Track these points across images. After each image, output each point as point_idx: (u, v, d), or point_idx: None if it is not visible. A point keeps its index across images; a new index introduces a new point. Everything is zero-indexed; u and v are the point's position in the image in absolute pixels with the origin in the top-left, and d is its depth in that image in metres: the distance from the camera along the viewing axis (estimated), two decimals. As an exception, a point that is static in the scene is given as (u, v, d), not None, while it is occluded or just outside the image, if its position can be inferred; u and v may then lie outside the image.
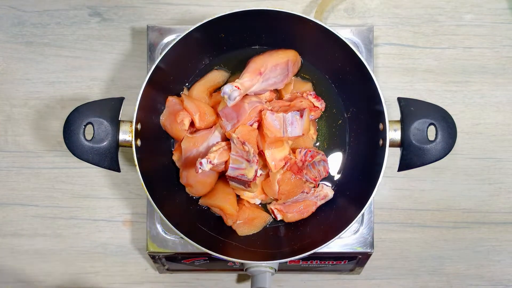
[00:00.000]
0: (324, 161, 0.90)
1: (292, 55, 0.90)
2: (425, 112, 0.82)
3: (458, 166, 1.08)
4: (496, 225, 1.08)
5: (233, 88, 0.81)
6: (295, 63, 0.91)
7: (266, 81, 0.87)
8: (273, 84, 0.88)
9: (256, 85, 0.86)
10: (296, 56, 0.91)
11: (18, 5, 1.09)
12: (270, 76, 0.87)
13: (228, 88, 0.81)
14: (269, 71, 0.87)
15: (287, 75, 0.90)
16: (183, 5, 1.09)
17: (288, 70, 0.89)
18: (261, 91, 0.88)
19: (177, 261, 0.99)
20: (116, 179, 1.07)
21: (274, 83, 0.88)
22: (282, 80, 0.89)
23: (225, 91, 0.81)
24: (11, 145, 1.07)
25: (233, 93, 0.81)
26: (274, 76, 0.88)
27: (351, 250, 0.93)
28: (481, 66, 1.09)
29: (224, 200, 0.89)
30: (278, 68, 0.88)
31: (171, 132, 0.90)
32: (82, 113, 0.81)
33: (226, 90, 0.81)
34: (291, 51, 0.90)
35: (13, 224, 1.06)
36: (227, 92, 0.81)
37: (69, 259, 1.06)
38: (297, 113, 0.85)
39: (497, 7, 1.10)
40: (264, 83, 0.87)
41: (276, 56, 0.89)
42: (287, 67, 0.89)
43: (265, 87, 0.87)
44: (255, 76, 0.86)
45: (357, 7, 1.09)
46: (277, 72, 0.88)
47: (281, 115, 0.84)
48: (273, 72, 0.88)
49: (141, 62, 1.07)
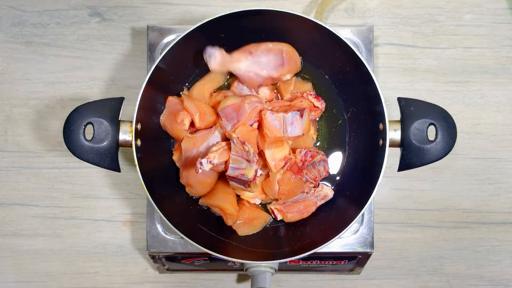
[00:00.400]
0: (324, 161, 0.90)
1: (287, 46, 0.90)
2: (425, 112, 0.82)
3: (458, 166, 1.08)
4: (496, 225, 1.08)
5: None
6: (291, 57, 0.91)
7: (257, 62, 0.87)
8: (264, 66, 0.88)
9: (245, 62, 0.86)
10: (292, 50, 0.91)
11: (18, 5, 1.09)
12: (262, 59, 0.88)
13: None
14: (260, 53, 0.88)
15: (282, 65, 0.89)
16: (183, 5, 1.09)
17: (283, 60, 0.89)
18: (252, 73, 0.87)
19: (177, 261, 0.99)
20: (116, 179, 1.07)
21: (266, 66, 0.88)
22: (276, 67, 0.89)
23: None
24: (11, 145, 1.07)
25: None
26: (266, 60, 0.88)
27: (351, 250, 0.93)
28: (481, 66, 1.09)
29: (224, 200, 0.89)
30: (271, 54, 0.88)
31: (171, 132, 0.90)
32: (82, 113, 0.81)
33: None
34: (286, 44, 0.90)
35: (13, 224, 1.06)
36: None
37: (69, 259, 1.06)
38: (297, 113, 0.85)
39: (497, 7, 1.10)
40: (255, 64, 0.87)
41: (270, 43, 0.89)
42: (281, 56, 0.89)
43: (256, 69, 0.87)
44: (245, 55, 0.87)
45: (357, 7, 1.09)
46: (269, 57, 0.88)
47: (281, 115, 0.84)
48: (264, 56, 0.88)
49: (141, 62, 1.07)
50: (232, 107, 0.86)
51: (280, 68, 0.89)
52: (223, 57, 0.86)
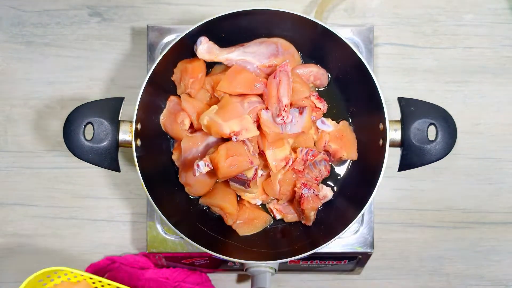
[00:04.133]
0: (326, 160, 0.90)
1: (283, 40, 0.91)
2: (425, 112, 0.82)
3: (458, 166, 1.08)
4: (496, 225, 1.08)
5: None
6: (287, 49, 0.91)
7: (248, 52, 0.88)
8: (255, 53, 0.88)
9: (236, 52, 0.88)
10: (287, 43, 0.91)
11: (18, 5, 1.09)
12: (253, 48, 0.88)
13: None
14: (253, 44, 0.89)
15: (276, 55, 0.90)
16: (183, 5, 1.09)
17: (277, 51, 0.90)
18: (242, 62, 0.88)
19: (177, 261, 0.99)
20: (116, 179, 1.07)
21: (257, 53, 0.88)
22: (268, 57, 0.89)
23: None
24: (11, 145, 1.07)
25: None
26: (258, 49, 0.89)
27: (351, 250, 0.93)
28: (481, 66, 1.09)
29: (224, 199, 0.89)
30: (264, 44, 0.89)
31: (171, 132, 0.90)
32: (82, 113, 0.81)
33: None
34: (283, 39, 0.91)
35: (13, 224, 1.06)
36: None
37: (69, 259, 1.06)
38: (296, 110, 0.85)
39: (497, 7, 1.10)
40: (247, 53, 0.88)
41: (264, 38, 0.90)
42: (276, 47, 0.90)
43: (248, 57, 0.88)
44: (237, 47, 0.88)
45: (357, 7, 1.09)
46: (261, 47, 0.89)
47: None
48: (257, 46, 0.89)
49: (141, 62, 1.07)
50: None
51: (272, 57, 0.89)
52: (211, 45, 0.87)
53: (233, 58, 0.88)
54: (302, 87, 0.87)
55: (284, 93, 0.84)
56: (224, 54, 0.88)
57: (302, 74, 0.90)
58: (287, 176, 0.88)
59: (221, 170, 0.80)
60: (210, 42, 0.87)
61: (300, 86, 0.87)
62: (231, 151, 0.80)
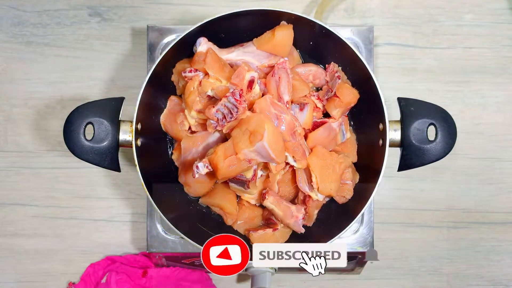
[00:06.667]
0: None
1: None
2: (425, 112, 0.82)
3: (458, 166, 1.08)
4: (496, 225, 1.08)
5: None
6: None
7: (248, 52, 0.89)
8: (255, 53, 0.89)
9: (236, 52, 0.88)
10: None
11: (18, 5, 1.09)
12: (253, 48, 0.89)
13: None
14: (252, 44, 0.89)
15: (276, 55, 0.90)
16: (183, 5, 1.09)
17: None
18: (241, 62, 0.88)
19: (177, 261, 0.99)
20: (116, 179, 1.07)
21: (257, 54, 0.89)
22: (268, 57, 0.89)
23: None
24: (11, 145, 1.07)
25: None
26: (257, 50, 0.89)
27: (351, 250, 0.93)
28: (481, 66, 1.09)
29: (224, 199, 0.89)
30: None
31: (171, 132, 0.90)
32: (82, 113, 0.81)
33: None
34: None
35: (13, 224, 1.06)
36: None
37: (69, 259, 1.06)
38: (297, 106, 0.85)
39: (497, 7, 1.10)
40: (247, 53, 0.88)
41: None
42: None
43: (248, 57, 0.88)
44: (236, 47, 0.89)
45: (357, 7, 1.09)
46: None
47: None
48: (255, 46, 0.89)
49: (141, 62, 1.07)
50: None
51: (272, 57, 0.89)
52: (211, 45, 0.87)
53: (232, 58, 0.88)
54: (302, 85, 0.87)
55: (285, 90, 0.84)
56: (223, 55, 0.88)
57: (301, 74, 0.90)
58: (286, 177, 0.88)
59: (221, 171, 0.80)
60: (209, 43, 0.87)
61: (299, 84, 0.87)
62: (229, 151, 0.80)
